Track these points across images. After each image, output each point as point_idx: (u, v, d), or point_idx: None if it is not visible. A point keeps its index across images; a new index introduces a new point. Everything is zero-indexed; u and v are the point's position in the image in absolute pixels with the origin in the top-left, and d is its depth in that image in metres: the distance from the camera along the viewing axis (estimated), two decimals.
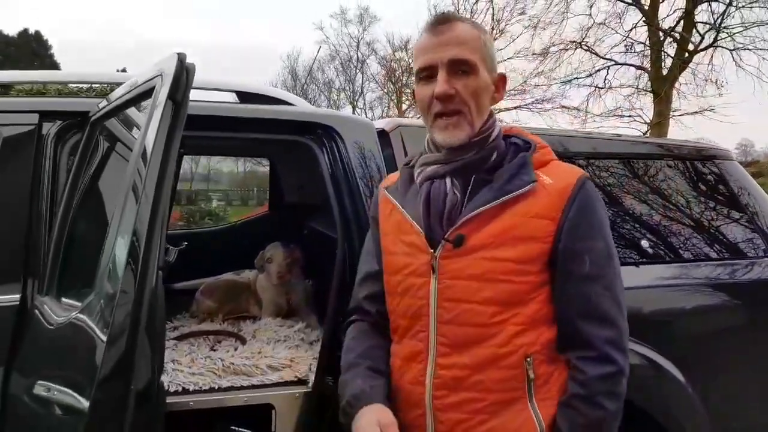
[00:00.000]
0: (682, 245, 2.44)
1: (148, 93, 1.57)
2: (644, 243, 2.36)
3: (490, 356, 1.25)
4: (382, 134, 2.26)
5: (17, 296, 1.84)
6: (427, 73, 1.32)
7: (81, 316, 1.58)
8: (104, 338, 1.39)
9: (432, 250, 1.30)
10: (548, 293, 1.28)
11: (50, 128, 1.98)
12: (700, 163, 2.62)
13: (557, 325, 1.29)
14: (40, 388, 1.59)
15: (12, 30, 31.43)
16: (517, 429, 1.26)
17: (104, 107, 1.93)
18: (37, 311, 1.80)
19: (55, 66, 30.02)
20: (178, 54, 1.42)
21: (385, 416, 1.25)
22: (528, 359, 1.25)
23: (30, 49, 31.06)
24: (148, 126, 1.45)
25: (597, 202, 1.31)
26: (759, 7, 15.30)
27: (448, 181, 1.32)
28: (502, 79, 1.39)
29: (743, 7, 15.46)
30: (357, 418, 1.27)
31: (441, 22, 1.31)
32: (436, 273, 1.29)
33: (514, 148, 1.36)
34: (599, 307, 1.26)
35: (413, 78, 1.39)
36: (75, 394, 1.47)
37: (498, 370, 1.25)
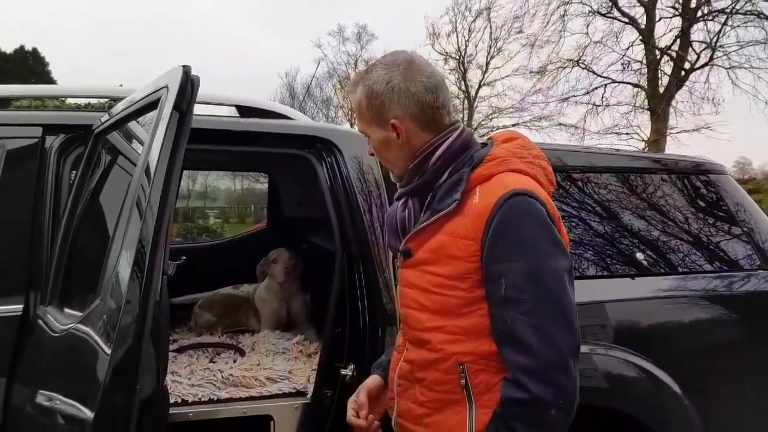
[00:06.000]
0: (675, 257, 2.46)
1: (152, 105, 1.60)
2: (639, 255, 2.39)
3: (427, 358, 1.36)
4: None
5: (20, 307, 1.85)
6: None
7: (83, 326, 1.60)
8: (108, 347, 1.41)
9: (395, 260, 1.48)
10: (487, 309, 1.29)
11: (53, 141, 2.01)
12: (693, 177, 2.66)
13: None
14: (42, 398, 1.60)
15: (9, 47, 31.43)
16: (451, 428, 1.33)
17: (107, 120, 1.96)
18: (40, 321, 1.81)
19: (51, 82, 30.08)
20: (183, 66, 1.46)
21: (371, 381, 1.53)
22: (461, 366, 1.31)
23: (27, 65, 31.14)
24: (154, 136, 1.47)
25: (523, 221, 1.25)
26: (754, 26, 15.52)
27: (403, 201, 1.47)
28: (395, 125, 1.37)
29: (738, 26, 15.67)
30: None
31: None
32: (396, 281, 1.48)
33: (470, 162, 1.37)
34: (513, 333, 1.23)
35: None
36: (77, 404, 1.48)
37: (435, 371, 1.35)
